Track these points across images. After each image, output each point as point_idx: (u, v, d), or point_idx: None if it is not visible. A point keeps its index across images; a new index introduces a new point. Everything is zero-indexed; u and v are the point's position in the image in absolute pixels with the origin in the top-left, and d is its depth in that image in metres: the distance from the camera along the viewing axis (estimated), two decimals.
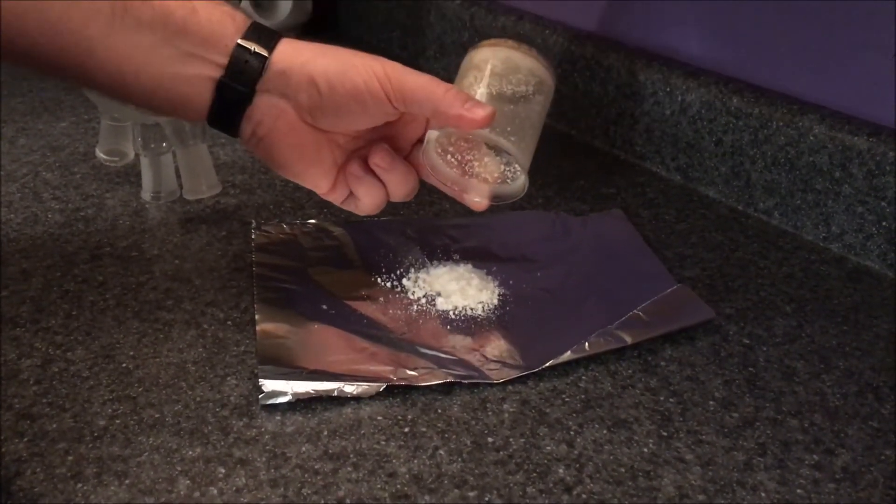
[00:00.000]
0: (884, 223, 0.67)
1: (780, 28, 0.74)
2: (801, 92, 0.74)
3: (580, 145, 0.89)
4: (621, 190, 0.80)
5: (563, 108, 0.90)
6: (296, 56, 0.50)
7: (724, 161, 0.77)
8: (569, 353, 0.56)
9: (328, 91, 0.50)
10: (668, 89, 0.80)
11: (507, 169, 0.55)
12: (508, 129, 0.51)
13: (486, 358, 0.56)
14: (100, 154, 0.76)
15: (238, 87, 0.49)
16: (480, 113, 0.49)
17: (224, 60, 0.49)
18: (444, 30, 1.02)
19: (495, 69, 0.53)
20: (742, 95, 0.75)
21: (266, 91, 0.50)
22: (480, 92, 0.52)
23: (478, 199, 0.55)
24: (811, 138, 0.70)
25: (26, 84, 0.95)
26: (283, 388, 0.51)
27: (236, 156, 0.82)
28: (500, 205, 0.56)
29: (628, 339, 0.57)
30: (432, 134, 0.53)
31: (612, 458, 0.49)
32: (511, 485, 0.47)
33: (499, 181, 0.55)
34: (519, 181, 0.55)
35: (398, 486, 0.46)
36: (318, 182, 0.54)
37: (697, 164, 0.80)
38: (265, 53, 0.49)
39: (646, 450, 0.50)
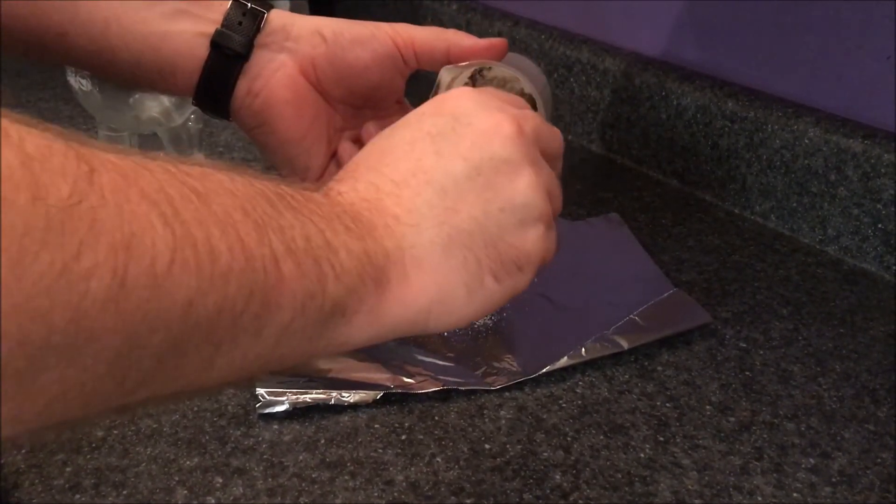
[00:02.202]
0: (879, 225, 0.68)
1: (775, 31, 0.74)
2: (796, 95, 0.74)
3: (577, 149, 0.89)
4: (618, 194, 0.80)
5: (560, 112, 0.90)
6: (296, 17, 0.49)
7: (720, 165, 0.77)
8: (565, 358, 0.56)
9: (334, 38, 0.48)
10: (663, 93, 0.80)
11: None
12: (523, 73, 0.51)
13: (483, 364, 0.56)
14: None
15: (236, 36, 0.47)
16: (496, 39, 0.50)
17: (218, 17, 0.47)
18: None
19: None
20: (737, 99, 0.75)
21: (265, 46, 0.48)
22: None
23: None
24: (806, 141, 0.70)
25: (24, 95, 0.96)
26: (280, 397, 0.52)
27: (233, 164, 0.82)
28: None
29: (625, 345, 0.57)
30: (444, 75, 0.51)
31: (608, 463, 0.49)
32: (508, 491, 0.47)
33: None
34: None
35: (395, 494, 0.47)
36: (311, 156, 0.51)
37: (693, 167, 0.80)
38: (262, 10, 0.48)
39: (642, 455, 0.50)
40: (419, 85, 0.52)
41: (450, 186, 0.36)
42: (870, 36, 0.68)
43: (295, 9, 1.10)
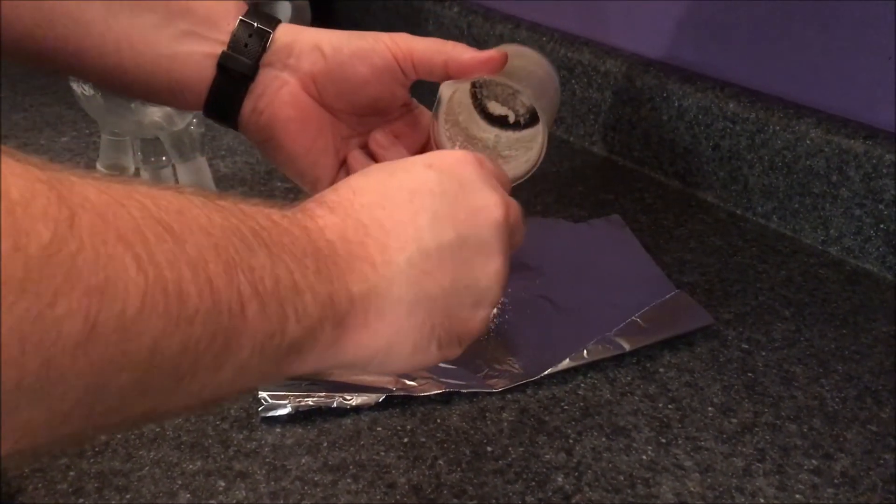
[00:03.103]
0: (881, 226, 0.68)
1: (776, 32, 0.74)
2: (798, 96, 0.74)
3: (578, 151, 0.89)
4: (619, 196, 0.80)
5: (561, 114, 0.90)
6: (300, 32, 0.50)
7: (722, 165, 0.77)
8: (567, 360, 0.56)
9: (333, 53, 0.49)
10: (664, 95, 0.80)
11: (514, 149, 0.55)
12: (524, 81, 0.51)
13: (485, 366, 0.56)
14: (100, 169, 0.76)
15: (242, 58, 0.48)
16: (493, 52, 0.50)
17: (225, 38, 0.48)
18: (442, 38, 1.02)
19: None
20: (738, 100, 0.75)
21: (269, 65, 0.49)
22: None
23: None
24: (808, 142, 0.70)
25: (28, 100, 0.96)
26: (283, 400, 0.52)
27: (236, 168, 0.83)
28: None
29: (627, 346, 0.57)
30: (444, 91, 0.51)
31: (610, 465, 0.49)
32: (510, 494, 0.47)
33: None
34: (532, 153, 0.54)
35: (397, 497, 0.47)
36: (319, 168, 0.52)
37: (695, 168, 0.80)
38: (268, 29, 0.49)
39: (644, 457, 0.50)
40: (422, 85, 0.52)
41: (433, 251, 0.37)
42: (870, 36, 0.68)
43: (296, 17, 1.11)
